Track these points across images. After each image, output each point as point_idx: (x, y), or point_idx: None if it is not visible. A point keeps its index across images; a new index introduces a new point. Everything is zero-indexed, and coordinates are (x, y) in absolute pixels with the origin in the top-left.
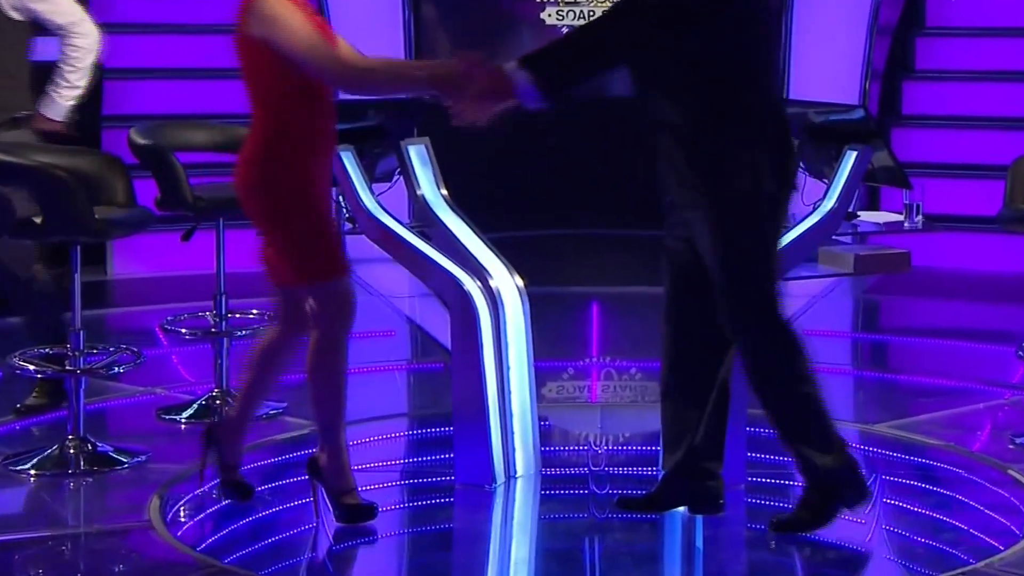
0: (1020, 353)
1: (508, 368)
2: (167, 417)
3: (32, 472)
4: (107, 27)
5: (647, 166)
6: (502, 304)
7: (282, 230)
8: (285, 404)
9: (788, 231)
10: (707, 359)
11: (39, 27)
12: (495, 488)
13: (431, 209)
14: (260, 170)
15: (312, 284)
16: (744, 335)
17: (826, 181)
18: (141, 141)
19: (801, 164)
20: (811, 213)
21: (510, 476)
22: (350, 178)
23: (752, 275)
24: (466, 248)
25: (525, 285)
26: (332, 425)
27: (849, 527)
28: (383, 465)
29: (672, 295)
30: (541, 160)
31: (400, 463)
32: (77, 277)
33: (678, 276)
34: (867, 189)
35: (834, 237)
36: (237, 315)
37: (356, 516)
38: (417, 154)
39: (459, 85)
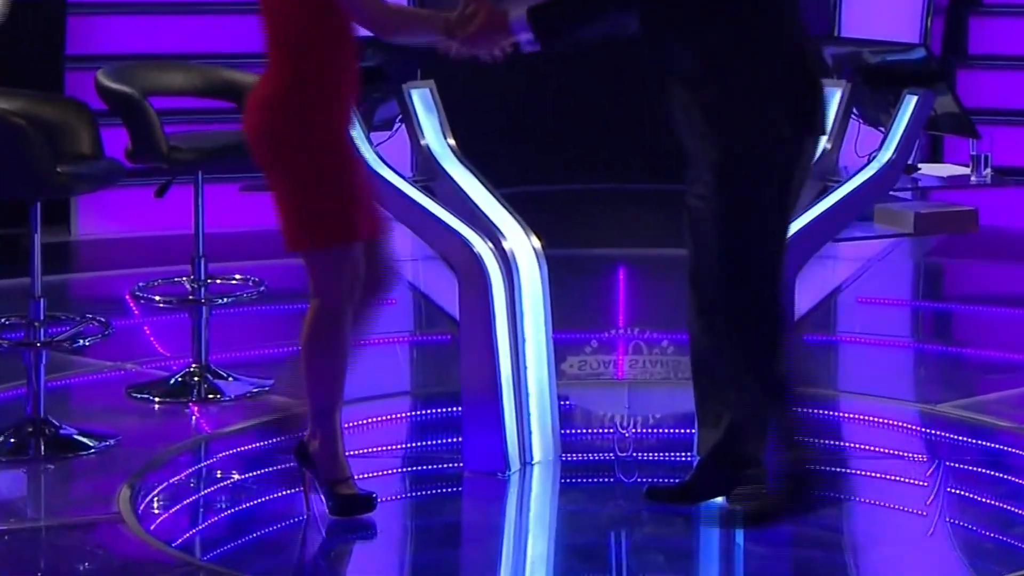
0: None
1: (523, 341)
2: (139, 396)
3: None
4: None
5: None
6: (516, 268)
7: (290, 186)
8: (272, 381)
9: (839, 186)
10: None
11: None
12: (509, 476)
13: (436, 161)
14: (275, 117)
15: (313, 250)
16: (723, 301)
17: (883, 130)
18: (110, 85)
19: (854, 111)
20: (866, 166)
21: (526, 463)
22: None
23: (748, 233)
24: (476, 205)
25: (542, 247)
26: (326, 408)
27: (910, 520)
28: (382, 450)
29: (696, 257)
30: (560, 105)
31: (402, 448)
32: (37, 238)
33: (701, 236)
34: (929, 139)
35: (892, 193)
36: (218, 281)
37: (352, 508)
38: (421, 99)
39: (461, 22)
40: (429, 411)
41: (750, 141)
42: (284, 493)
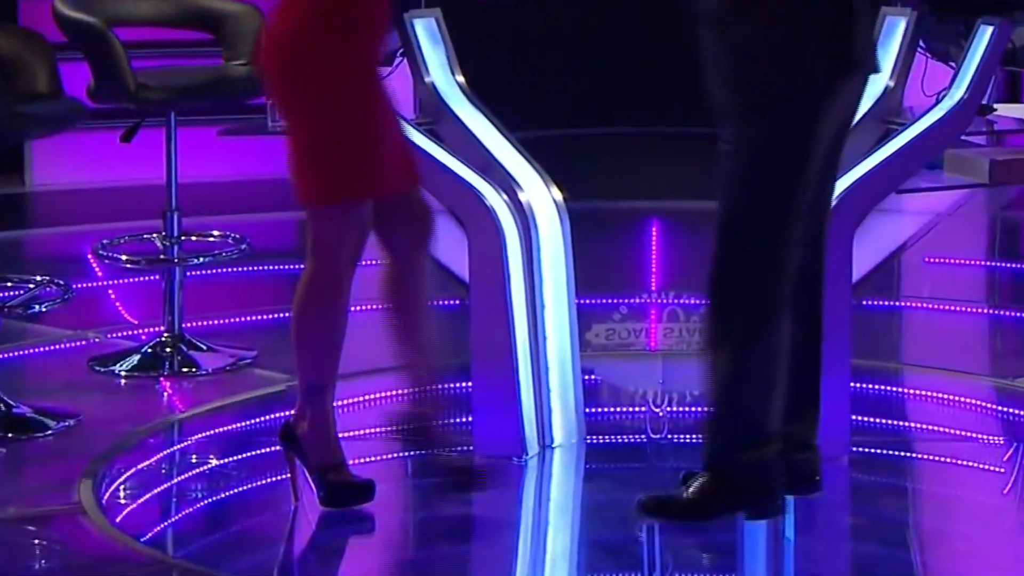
0: None
1: (543, 307)
2: (102, 369)
3: None
4: None
5: None
6: (535, 223)
7: (307, 130)
8: (254, 352)
9: (903, 130)
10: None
11: None
12: (526, 461)
13: (442, 100)
14: (294, 52)
15: (321, 203)
16: (716, 261)
17: (953, 65)
18: (69, 13)
19: (920, 43)
20: (934, 107)
21: (545, 446)
22: None
23: (759, 191)
24: (488, 151)
25: (564, 199)
26: (318, 384)
27: (982, 509)
28: (381, 432)
29: None
30: (584, 38)
31: (403, 429)
32: None
33: None
34: (1006, 75)
35: (963, 138)
36: (193, 238)
37: (346, 497)
38: (426, 30)
39: None
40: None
41: (777, 86)
42: (269, 481)
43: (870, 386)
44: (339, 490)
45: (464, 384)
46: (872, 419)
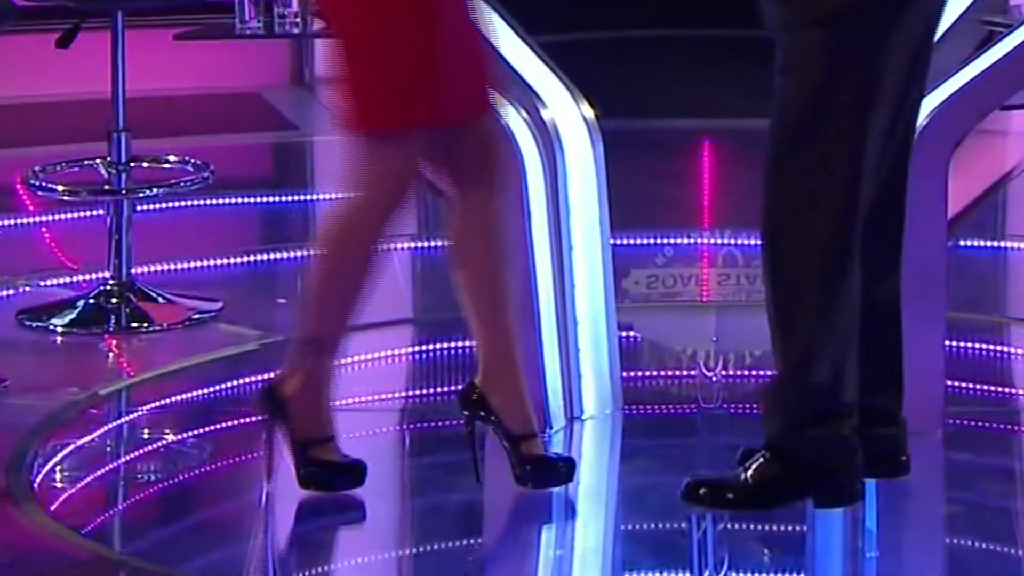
0: None
1: (570, 248)
2: (34, 324)
3: None
4: None
5: None
6: (560, 147)
7: (359, 45)
8: (220, 304)
9: (1008, 33)
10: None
11: None
12: (550, 436)
13: None
14: None
15: (370, 131)
16: (769, 197)
17: None
18: None
19: None
20: None
21: (574, 417)
22: None
23: (820, 115)
24: (504, 59)
25: (596, 117)
26: (325, 336)
27: None
28: (374, 401)
29: None
30: None
31: (400, 398)
32: None
33: None
34: None
35: None
36: (145, 164)
37: (332, 479)
38: None
39: None
40: (437, 346)
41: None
42: (236, 460)
43: (968, 345)
44: (324, 470)
45: (471, 344)
46: (971, 385)
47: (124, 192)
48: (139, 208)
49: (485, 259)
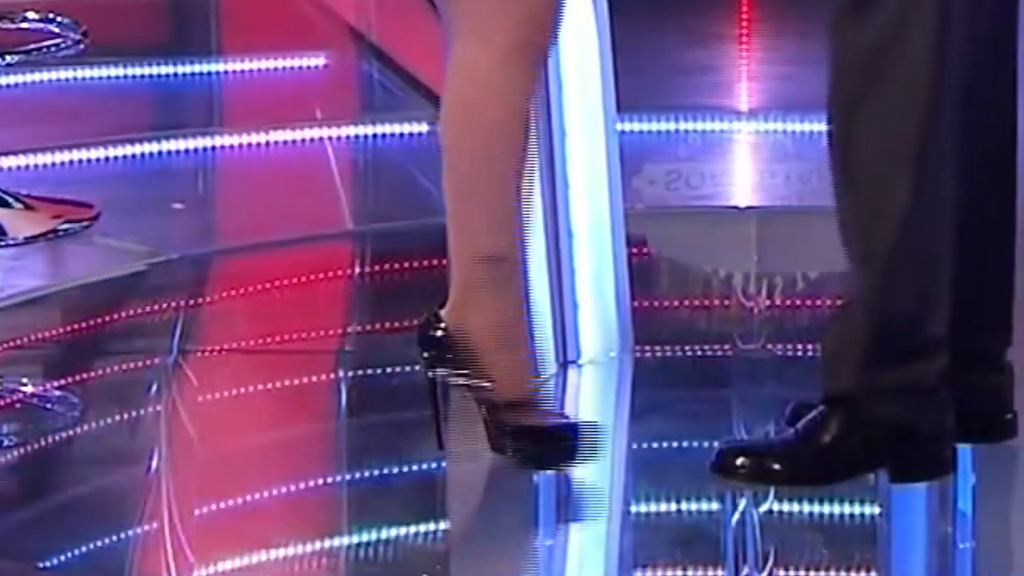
0: None
1: (563, 135)
2: None
3: None
4: None
5: None
6: None
7: None
8: (96, 210)
9: None
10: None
11: None
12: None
13: None
14: None
15: None
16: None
17: None
18: None
19: None
20: None
21: (567, 362)
22: None
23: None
24: None
25: None
26: (494, 247)
27: None
28: (302, 339)
29: None
30: None
31: (336, 335)
32: None
33: None
34: None
35: None
36: None
37: (543, 449)
38: None
39: None
40: (385, 266)
41: None
42: (117, 418)
43: None
44: (537, 441)
45: (437, 262)
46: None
47: None
48: None
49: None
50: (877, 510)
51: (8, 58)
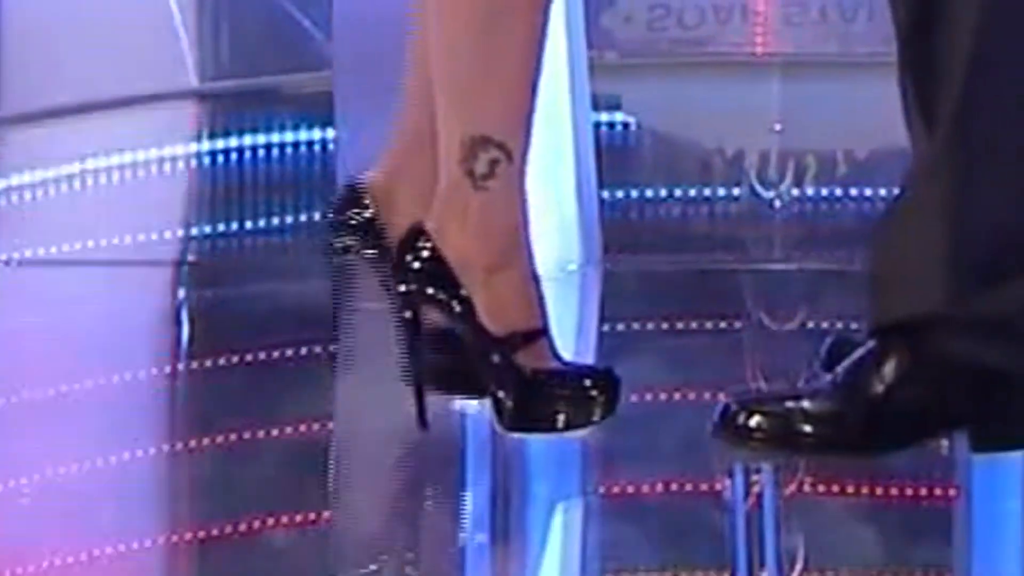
0: None
1: None
2: None
3: None
4: None
5: None
6: None
7: None
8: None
9: None
10: None
11: None
12: None
13: None
14: None
15: None
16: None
17: None
18: None
19: None
20: None
21: None
22: None
23: None
24: None
25: None
26: (503, 138)
27: None
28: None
29: None
30: None
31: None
32: None
33: None
34: None
35: None
36: None
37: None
38: None
39: None
40: (243, 140)
41: None
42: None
43: None
44: (542, 388)
45: (322, 114)
46: None
47: None
48: None
49: None
50: (952, 492)
51: None
